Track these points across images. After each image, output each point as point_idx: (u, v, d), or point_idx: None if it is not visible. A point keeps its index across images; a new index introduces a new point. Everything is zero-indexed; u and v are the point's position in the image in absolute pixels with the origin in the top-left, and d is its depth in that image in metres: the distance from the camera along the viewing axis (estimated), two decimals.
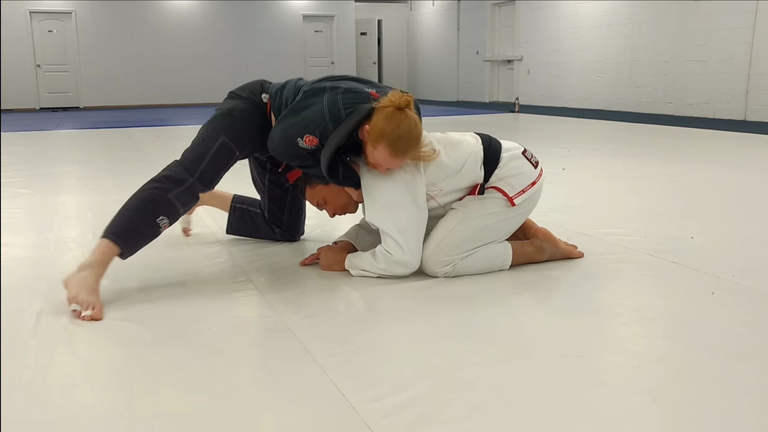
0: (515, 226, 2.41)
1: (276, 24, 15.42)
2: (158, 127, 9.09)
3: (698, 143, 6.51)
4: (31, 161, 5.69)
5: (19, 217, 3.43)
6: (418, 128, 2.19)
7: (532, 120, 9.96)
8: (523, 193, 2.34)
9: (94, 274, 2.09)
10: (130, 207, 2.22)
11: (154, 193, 2.22)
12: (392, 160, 2.18)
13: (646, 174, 4.61)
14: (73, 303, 2.00)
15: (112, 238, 2.15)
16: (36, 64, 13.76)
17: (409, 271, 2.29)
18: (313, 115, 2.22)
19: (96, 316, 1.97)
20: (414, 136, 2.17)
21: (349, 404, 1.46)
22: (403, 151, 2.16)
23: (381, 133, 2.14)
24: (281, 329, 1.90)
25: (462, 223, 2.30)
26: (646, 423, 1.37)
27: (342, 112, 2.20)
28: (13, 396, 1.52)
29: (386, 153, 2.16)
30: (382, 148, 2.16)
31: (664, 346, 1.77)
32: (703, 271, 2.38)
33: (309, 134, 2.21)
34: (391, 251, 2.26)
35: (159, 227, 2.21)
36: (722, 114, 9.21)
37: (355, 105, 2.22)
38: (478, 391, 1.51)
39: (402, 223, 2.25)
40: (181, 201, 2.25)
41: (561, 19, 12.15)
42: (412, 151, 2.19)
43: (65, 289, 2.06)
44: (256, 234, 2.84)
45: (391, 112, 2.15)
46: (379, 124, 2.15)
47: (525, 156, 2.42)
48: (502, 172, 2.34)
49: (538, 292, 2.20)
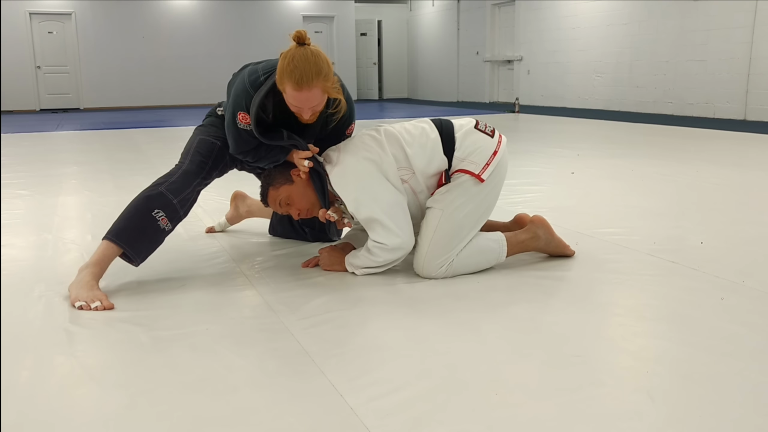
0: (494, 201, 2.39)
1: (276, 25, 15.42)
2: (158, 128, 9.10)
3: (698, 143, 6.51)
4: (31, 162, 5.69)
5: (19, 218, 3.43)
6: (317, 57, 2.09)
7: (533, 120, 9.96)
8: (488, 166, 2.31)
9: (91, 273, 2.16)
10: (126, 209, 2.28)
11: (147, 192, 2.29)
12: (300, 94, 2.09)
13: (646, 174, 4.61)
14: (76, 302, 2.06)
15: (109, 238, 2.21)
16: (36, 66, 13.77)
17: (405, 252, 2.29)
18: (237, 90, 2.25)
19: (106, 306, 2.05)
20: (312, 63, 2.07)
21: (347, 405, 1.45)
22: (305, 81, 2.06)
23: (280, 72, 2.10)
24: (279, 330, 1.90)
25: (443, 220, 2.28)
26: (645, 423, 1.37)
27: (261, 77, 2.22)
28: (11, 397, 1.52)
29: (291, 89, 2.09)
30: (286, 87, 2.10)
31: (663, 346, 1.77)
32: (703, 271, 2.38)
33: (240, 111, 2.22)
34: (383, 241, 2.25)
35: (156, 220, 2.23)
36: (722, 113, 9.21)
37: (273, 69, 2.21)
38: (476, 392, 1.51)
39: (386, 205, 2.24)
40: (173, 191, 2.27)
41: (561, 19, 12.16)
42: (316, 81, 2.08)
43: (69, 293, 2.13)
44: (294, 235, 2.88)
45: (285, 51, 2.11)
46: (278, 67, 2.11)
47: (479, 129, 2.38)
48: (461, 153, 2.32)
49: (536, 292, 2.20)
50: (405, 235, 2.27)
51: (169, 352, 1.76)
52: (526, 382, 1.56)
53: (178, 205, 2.27)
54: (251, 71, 2.27)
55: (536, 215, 2.52)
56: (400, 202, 2.29)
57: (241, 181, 2.79)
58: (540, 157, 5.55)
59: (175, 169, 2.36)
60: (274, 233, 2.95)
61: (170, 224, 2.27)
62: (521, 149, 6.08)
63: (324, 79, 2.11)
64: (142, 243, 2.24)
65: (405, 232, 2.27)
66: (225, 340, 1.83)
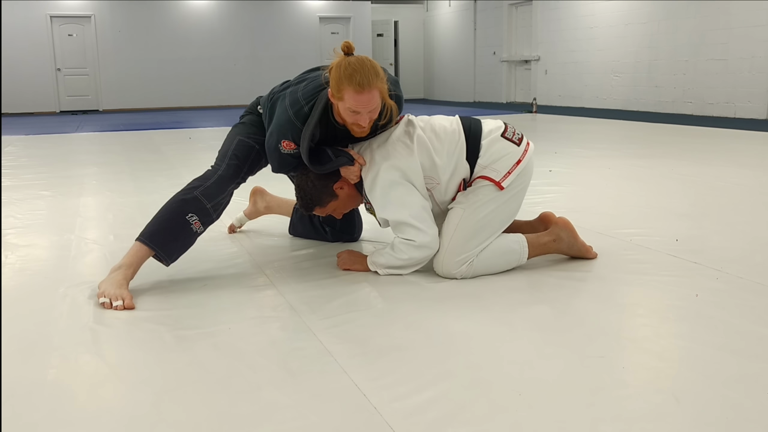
0: (517, 206, 2.39)
1: (292, 26, 15.47)
2: (176, 130, 9.16)
3: (719, 143, 6.45)
4: (52, 164, 5.76)
5: (42, 218, 3.47)
6: (371, 61, 2.16)
7: (550, 120, 9.91)
8: (509, 175, 2.31)
9: (122, 273, 2.20)
10: (160, 211, 2.32)
11: (181, 195, 2.33)
12: (362, 96, 2.11)
13: (666, 174, 4.58)
14: (101, 297, 2.11)
15: (142, 240, 2.26)
16: (56, 68, 13.90)
17: (432, 252, 2.31)
18: (281, 120, 2.28)
19: (127, 306, 2.08)
20: (368, 65, 2.12)
21: (370, 404, 1.46)
22: (366, 82, 2.10)
23: (337, 80, 2.12)
24: (302, 329, 1.91)
25: (464, 219, 2.30)
26: (670, 424, 1.36)
27: (305, 107, 2.24)
28: (37, 395, 1.54)
29: (352, 94, 2.11)
30: (345, 93, 2.12)
31: (687, 346, 1.76)
32: (726, 272, 2.36)
33: (284, 140, 2.27)
34: (411, 237, 2.28)
35: (189, 224, 2.28)
36: (743, 113, 9.12)
37: (315, 95, 2.25)
38: (499, 392, 1.51)
39: (414, 209, 2.28)
40: (208, 196, 2.31)
41: (578, 18, 12.09)
42: (375, 81, 2.12)
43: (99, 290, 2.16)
44: (314, 235, 2.89)
45: (337, 62, 2.15)
46: (332, 77, 2.14)
47: (505, 137, 2.37)
48: (484, 161, 2.32)
49: (558, 292, 2.19)
50: (432, 234, 2.29)
51: (192, 351, 1.77)
52: (549, 382, 1.55)
53: (211, 209, 2.32)
54: (293, 101, 2.27)
55: (560, 217, 2.51)
56: (426, 206, 2.33)
57: (261, 177, 2.80)
58: (559, 158, 5.53)
59: (210, 173, 2.38)
60: (294, 233, 2.96)
61: (202, 227, 2.32)
62: (540, 149, 6.05)
63: (381, 81, 2.16)
64: (175, 245, 2.29)
65: (433, 233, 2.29)
66: (248, 339, 1.84)
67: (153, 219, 2.31)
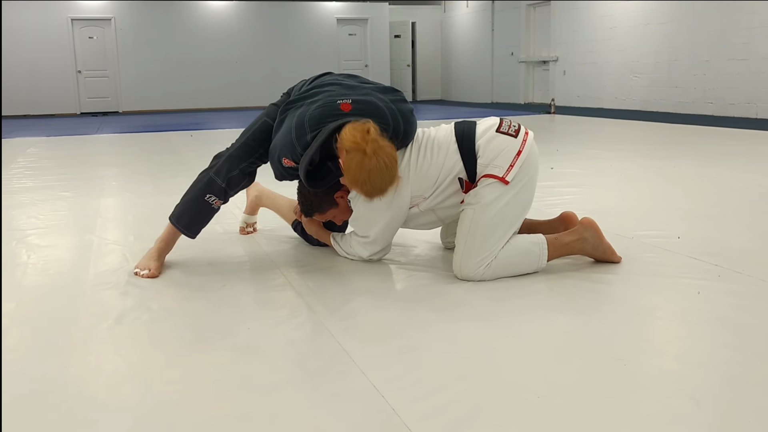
0: (529, 198, 2.37)
1: (310, 27, 15.52)
2: (195, 131, 9.22)
3: (740, 144, 6.38)
4: (73, 165, 5.82)
5: (63, 219, 3.51)
6: (390, 171, 2.18)
7: (569, 121, 9.86)
8: (512, 168, 2.30)
9: (157, 248, 2.51)
10: (185, 194, 2.57)
11: (200, 178, 2.53)
12: (369, 199, 2.27)
13: (686, 175, 4.53)
14: (136, 269, 2.44)
15: (171, 221, 2.54)
16: (77, 70, 14.05)
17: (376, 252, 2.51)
18: (284, 140, 2.32)
19: (152, 274, 2.41)
20: (387, 179, 2.19)
21: (388, 405, 1.46)
22: (377, 193, 2.22)
23: (355, 182, 2.20)
24: (320, 330, 1.91)
25: (475, 219, 2.29)
26: (689, 427, 1.35)
27: (308, 135, 2.26)
28: (58, 395, 1.55)
29: (363, 196, 2.27)
30: (358, 192, 2.25)
31: (707, 349, 1.74)
32: (747, 275, 2.33)
33: (284, 157, 2.34)
34: (365, 247, 2.51)
35: (210, 204, 2.50)
36: (765, 114, 9.01)
37: (320, 126, 2.26)
38: (517, 394, 1.50)
39: (378, 229, 2.44)
40: (219, 173, 2.47)
41: (597, 18, 12.02)
42: (388, 188, 2.23)
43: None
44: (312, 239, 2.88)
45: (360, 161, 2.14)
46: (352, 172, 2.18)
47: (501, 131, 2.36)
48: (484, 160, 2.32)
49: (577, 295, 2.18)
50: (380, 249, 2.51)
51: (211, 351, 1.79)
52: (568, 384, 1.55)
53: (226, 187, 2.48)
54: (298, 125, 2.28)
55: (585, 217, 2.47)
56: (393, 225, 2.46)
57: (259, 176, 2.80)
58: (577, 159, 5.50)
59: (224, 151, 2.54)
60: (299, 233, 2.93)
61: (221, 202, 2.52)
62: (558, 150, 6.02)
63: (393, 185, 2.24)
64: (198, 222, 2.56)
65: (382, 246, 2.51)
66: (266, 339, 1.85)
67: (181, 200, 2.55)
